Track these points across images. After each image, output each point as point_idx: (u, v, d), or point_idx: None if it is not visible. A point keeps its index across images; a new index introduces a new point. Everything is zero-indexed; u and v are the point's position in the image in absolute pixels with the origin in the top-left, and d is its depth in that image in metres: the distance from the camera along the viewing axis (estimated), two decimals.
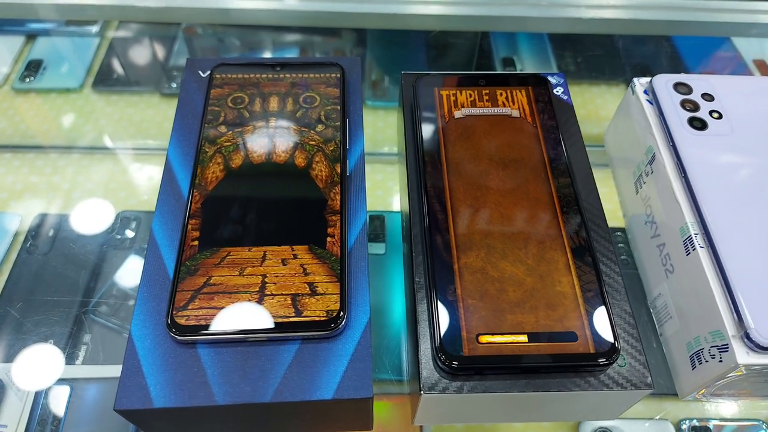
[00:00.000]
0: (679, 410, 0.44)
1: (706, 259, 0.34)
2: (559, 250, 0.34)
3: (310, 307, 0.31)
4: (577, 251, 0.34)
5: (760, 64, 0.67)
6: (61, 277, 0.47)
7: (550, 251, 0.34)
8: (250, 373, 0.30)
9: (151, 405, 0.29)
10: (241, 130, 0.38)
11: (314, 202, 0.35)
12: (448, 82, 0.41)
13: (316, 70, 0.41)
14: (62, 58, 0.63)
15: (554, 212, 0.35)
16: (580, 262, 0.33)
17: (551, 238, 0.34)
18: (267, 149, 0.37)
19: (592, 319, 0.31)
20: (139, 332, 0.31)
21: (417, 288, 0.33)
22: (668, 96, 0.40)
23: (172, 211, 0.35)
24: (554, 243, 0.34)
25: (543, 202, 0.36)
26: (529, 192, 0.36)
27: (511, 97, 0.40)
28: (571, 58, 0.67)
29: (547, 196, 0.36)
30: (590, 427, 0.42)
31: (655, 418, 0.42)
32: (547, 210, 0.35)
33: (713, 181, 0.36)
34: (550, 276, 0.33)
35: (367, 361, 0.30)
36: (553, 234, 0.34)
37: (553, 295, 0.32)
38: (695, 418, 0.43)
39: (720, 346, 0.32)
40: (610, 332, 0.31)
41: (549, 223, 0.35)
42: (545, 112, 0.39)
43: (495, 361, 0.30)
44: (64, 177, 0.54)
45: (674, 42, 0.69)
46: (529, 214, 0.35)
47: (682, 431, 0.42)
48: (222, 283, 0.32)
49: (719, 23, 0.62)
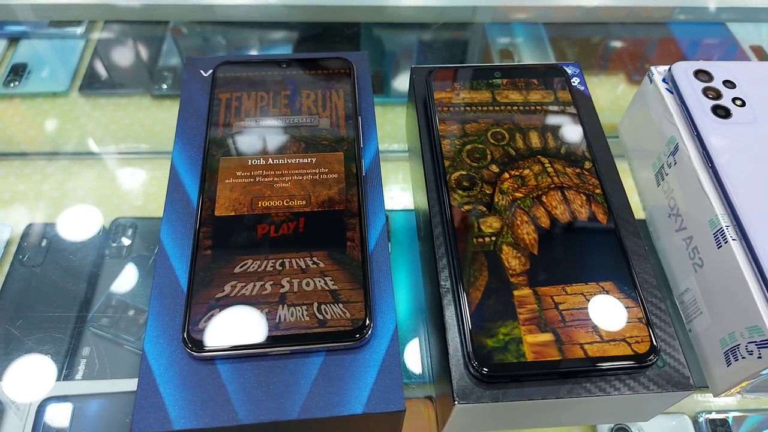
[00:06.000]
0: (695, 403, 0.43)
1: (740, 251, 0.33)
2: (592, 249, 0.32)
3: (333, 316, 0.29)
4: (610, 249, 0.32)
5: (756, 49, 0.66)
6: (57, 288, 0.45)
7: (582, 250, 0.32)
8: (273, 389, 0.28)
9: (171, 427, 0.27)
10: (249, 131, 0.36)
11: (332, 205, 0.33)
12: (461, 75, 0.39)
13: (324, 67, 0.39)
14: (47, 62, 0.61)
15: (586, 207, 0.34)
16: (614, 260, 0.32)
17: (585, 235, 0.33)
18: (279, 149, 0.35)
19: (632, 323, 0.30)
20: (153, 349, 0.29)
21: (443, 293, 0.32)
22: (689, 84, 0.38)
23: (181, 219, 0.33)
24: (587, 241, 0.33)
25: (573, 195, 0.34)
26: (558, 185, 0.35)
27: (528, 88, 0.39)
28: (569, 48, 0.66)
29: (576, 189, 0.34)
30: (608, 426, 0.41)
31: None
32: (579, 205, 0.34)
33: (741, 170, 0.35)
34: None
35: (397, 371, 0.29)
36: (586, 231, 0.33)
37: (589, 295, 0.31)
38: (713, 411, 0.42)
39: (759, 342, 0.31)
40: (649, 332, 0.30)
41: (582, 218, 0.33)
42: (565, 103, 0.38)
43: (532, 366, 0.29)
44: (53, 184, 0.52)
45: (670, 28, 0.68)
46: (559, 209, 0.34)
47: (699, 424, 0.41)
48: (239, 294, 0.30)
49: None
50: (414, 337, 0.43)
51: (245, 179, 0.34)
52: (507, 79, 0.39)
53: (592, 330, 0.30)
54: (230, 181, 0.34)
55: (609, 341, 0.29)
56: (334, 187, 0.34)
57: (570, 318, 0.30)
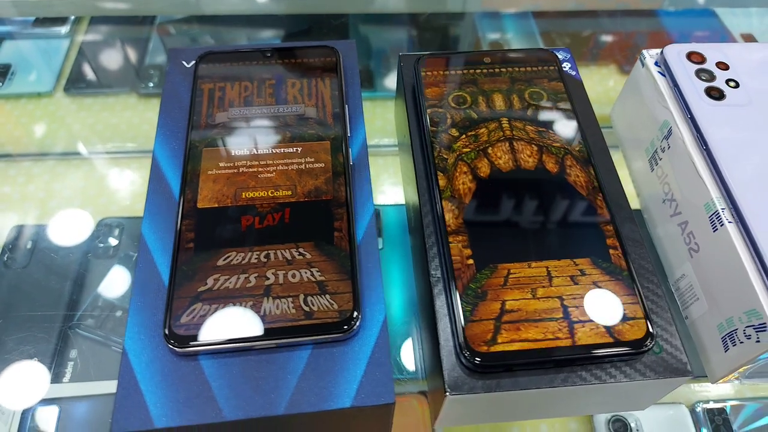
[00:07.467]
0: (693, 393, 0.42)
1: (736, 234, 0.32)
2: (586, 235, 0.31)
3: (320, 308, 0.28)
4: (604, 235, 0.31)
5: (747, 37, 0.66)
6: (42, 290, 0.44)
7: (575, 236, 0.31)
8: (259, 385, 0.27)
9: (152, 425, 0.26)
10: (233, 121, 0.35)
11: (319, 195, 0.32)
12: (451, 62, 0.39)
13: (310, 55, 0.38)
14: (31, 62, 0.60)
15: (578, 194, 0.33)
16: (608, 247, 0.31)
17: (577, 222, 0.32)
18: (264, 139, 0.34)
19: (626, 307, 0.29)
20: (134, 346, 0.28)
21: (434, 282, 0.31)
22: (682, 66, 0.38)
23: (163, 213, 0.32)
24: (580, 227, 0.32)
25: (565, 183, 0.33)
26: (549, 173, 0.34)
27: (519, 73, 0.38)
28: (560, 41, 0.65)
29: (569, 177, 0.34)
30: (605, 416, 0.40)
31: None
32: (572, 192, 0.33)
33: (737, 152, 0.34)
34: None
35: (387, 364, 0.28)
36: (579, 218, 0.32)
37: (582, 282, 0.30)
38: (711, 400, 0.41)
39: (757, 325, 0.31)
40: (644, 318, 0.29)
41: (574, 206, 0.33)
42: (556, 89, 0.37)
43: (525, 355, 0.28)
44: (38, 186, 0.51)
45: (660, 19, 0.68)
46: (551, 197, 0.33)
47: (697, 414, 0.41)
48: (223, 287, 0.29)
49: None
50: (407, 334, 0.42)
51: (229, 170, 0.33)
52: (497, 64, 0.38)
53: (586, 316, 0.29)
54: (213, 172, 0.33)
55: (603, 327, 0.28)
56: (320, 176, 0.33)
57: (564, 305, 0.29)
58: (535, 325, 0.28)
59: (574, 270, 0.30)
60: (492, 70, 0.38)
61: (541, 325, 0.28)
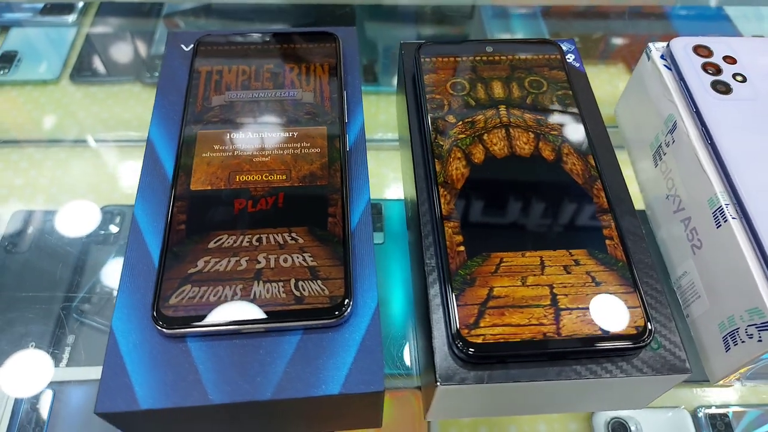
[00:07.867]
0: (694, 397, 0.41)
1: (740, 230, 0.31)
2: (584, 228, 0.31)
3: (311, 293, 0.28)
4: (605, 226, 0.31)
5: None
6: (42, 275, 0.44)
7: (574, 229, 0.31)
8: (247, 369, 0.27)
9: (138, 407, 0.26)
10: (230, 105, 0.35)
11: (314, 180, 0.32)
12: (452, 50, 0.38)
13: (309, 41, 0.38)
14: (38, 50, 0.60)
15: (576, 183, 0.32)
16: (605, 237, 0.30)
17: (576, 216, 0.31)
18: (260, 123, 0.34)
19: (622, 300, 0.29)
20: (121, 327, 0.28)
21: (428, 271, 0.30)
22: (688, 59, 0.37)
23: (156, 195, 0.32)
24: (579, 221, 0.31)
25: (565, 176, 0.33)
26: (546, 161, 0.33)
27: (520, 62, 0.37)
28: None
29: (570, 170, 0.33)
30: (604, 418, 0.39)
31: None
32: (569, 181, 0.32)
33: (742, 147, 0.33)
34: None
35: (377, 352, 0.27)
36: (577, 211, 0.31)
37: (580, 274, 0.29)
38: (713, 405, 0.41)
39: (759, 324, 0.30)
40: (642, 313, 0.28)
41: (572, 195, 0.32)
42: (558, 78, 0.37)
43: (519, 347, 0.27)
44: (42, 172, 0.51)
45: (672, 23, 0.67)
46: (547, 185, 0.32)
47: (699, 419, 0.40)
48: (213, 269, 0.28)
49: None
50: (405, 330, 0.41)
51: (223, 153, 0.33)
52: (499, 53, 0.38)
53: (582, 309, 0.28)
54: (208, 155, 0.32)
55: (600, 320, 0.28)
56: (316, 161, 0.32)
57: (559, 296, 0.29)
58: (521, 311, 0.28)
59: (569, 260, 0.30)
60: (493, 59, 0.38)
61: (527, 311, 0.28)
